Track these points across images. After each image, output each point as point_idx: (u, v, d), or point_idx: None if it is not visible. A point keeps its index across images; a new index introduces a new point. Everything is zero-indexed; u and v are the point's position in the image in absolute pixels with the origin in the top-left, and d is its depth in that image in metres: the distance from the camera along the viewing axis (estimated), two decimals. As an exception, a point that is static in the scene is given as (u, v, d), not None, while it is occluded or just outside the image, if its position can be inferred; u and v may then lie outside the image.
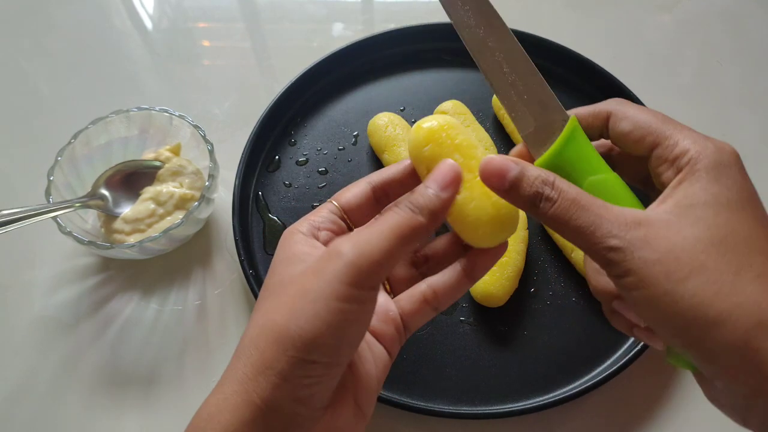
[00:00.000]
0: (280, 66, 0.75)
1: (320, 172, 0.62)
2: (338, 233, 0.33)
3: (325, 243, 0.32)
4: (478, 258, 0.33)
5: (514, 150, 0.34)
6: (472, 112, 0.63)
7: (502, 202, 0.31)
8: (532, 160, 0.33)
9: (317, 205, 0.59)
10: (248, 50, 0.78)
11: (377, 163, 0.62)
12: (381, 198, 0.34)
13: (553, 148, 0.31)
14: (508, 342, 0.52)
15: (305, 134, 0.65)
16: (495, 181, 0.29)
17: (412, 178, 0.34)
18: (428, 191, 0.29)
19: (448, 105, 0.62)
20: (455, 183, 0.30)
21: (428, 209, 0.29)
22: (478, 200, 0.31)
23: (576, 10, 0.80)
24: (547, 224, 0.29)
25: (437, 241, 0.36)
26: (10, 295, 0.56)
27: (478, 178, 0.30)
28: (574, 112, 0.33)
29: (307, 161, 0.63)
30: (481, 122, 0.63)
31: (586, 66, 0.66)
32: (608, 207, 0.28)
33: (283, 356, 0.26)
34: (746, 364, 0.24)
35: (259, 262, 0.56)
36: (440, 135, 0.32)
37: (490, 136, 0.62)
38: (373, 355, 0.33)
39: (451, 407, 0.48)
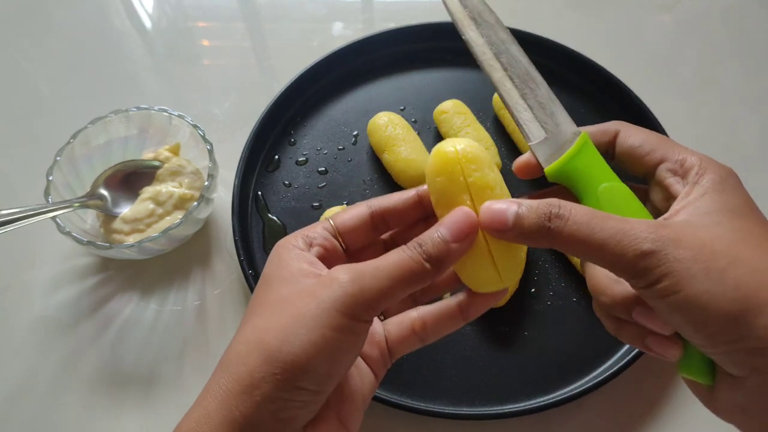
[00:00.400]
0: (279, 65, 0.75)
1: (320, 172, 0.62)
2: (331, 251, 0.32)
3: (318, 257, 0.32)
4: (475, 297, 0.32)
5: (522, 158, 0.35)
6: (473, 112, 0.63)
7: (503, 250, 0.30)
8: (540, 169, 0.34)
9: (317, 206, 0.60)
10: (248, 50, 0.78)
11: (377, 163, 0.62)
12: (379, 225, 0.33)
13: (567, 154, 0.32)
14: (508, 342, 0.52)
15: (305, 134, 0.65)
16: (497, 224, 0.28)
17: (414, 210, 0.33)
18: (439, 240, 0.29)
19: (449, 104, 0.62)
20: (469, 236, 0.29)
21: (436, 258, 0.28)
22: (479, 247, 0.30)
23: (577, 10, 0.80)
24: (565, 246, 0.28)
25: None
26: (9, 295, 0.56)
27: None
28: (582, 129, 0.34)
29: (306, 161, 0.63)
30: (482, 122, 0.63)
31: (587, 65, 0.66)
32: (625, 218, 0.27)
33: (272, 379, 0.26)
34: None
35: (259, 262, 0.56)
36: (455, 168, 0.30)
37: (491, 135, 0.61)
38: (359, 373, 0.32)
39: (451, 408, 0.48)
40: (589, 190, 0.32)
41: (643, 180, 0.34)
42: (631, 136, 0.33)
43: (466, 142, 0.31)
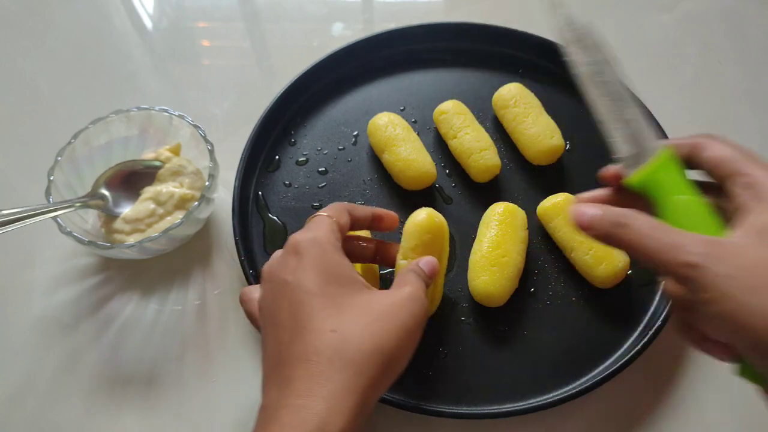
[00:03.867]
0: (279, 65, 0.75)
1: (320, 172, 0.62)
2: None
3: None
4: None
5: (609, 168, 0.37)
6: (473, 112, 0.63)
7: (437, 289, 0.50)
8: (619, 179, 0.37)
9: (317, 206, 0.60)
10: (248, 50, 0.78)
11: (377, 163, 0.62)
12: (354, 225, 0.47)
13: (645, 168, 0.35)
14: (508, 342, 0.52)
15: (305, 134, 0.65)
16: (576, 222, 0.34)
17: (374, 222, 0.49)
18: (421, 269, 0.43)
19: (449, 105, 0.62)
20: (435, 275, 0.44)
21: (427, 281, 0.43)
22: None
23: (577, 11, 0.80)
24: (627, 250, 0.32)
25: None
26: (9, 295, 0.56)
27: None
28: (668, 143, 0.36)
29: (307, 161, 0.63)
30: (481, 122, 0.63)
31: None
32: (684, 232, 0.31)
33: (387, 377, 0.37)
34: None
35: (259, 262, 0.56)
36: (441, 232, 0.48)
37: (490, 135, 0.61)
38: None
39: (451, 407, 0.48)
40: (664, 201, 0.34)
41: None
42: (707, 149, 0.34)
43: (437, 217, 0.48)
